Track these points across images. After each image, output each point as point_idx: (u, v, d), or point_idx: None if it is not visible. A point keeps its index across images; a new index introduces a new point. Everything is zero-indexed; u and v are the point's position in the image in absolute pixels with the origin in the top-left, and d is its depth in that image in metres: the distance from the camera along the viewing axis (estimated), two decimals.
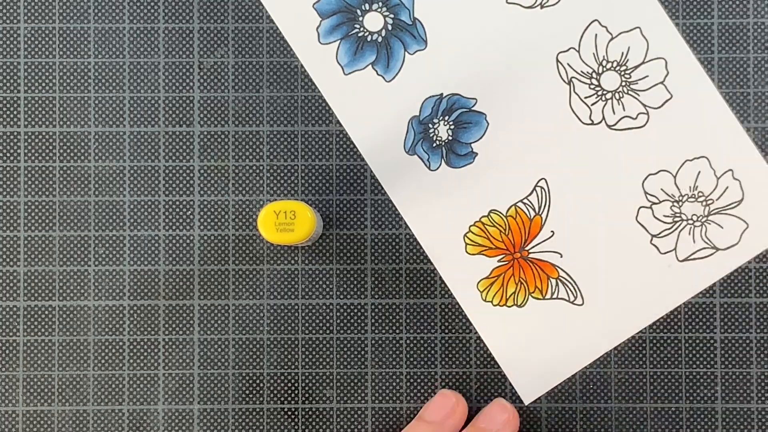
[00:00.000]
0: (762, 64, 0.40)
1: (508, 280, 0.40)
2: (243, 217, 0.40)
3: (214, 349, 0.40)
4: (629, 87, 0.40)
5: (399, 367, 0.40)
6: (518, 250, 0.40)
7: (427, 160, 0.40)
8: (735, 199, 0.40)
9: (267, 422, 0.40)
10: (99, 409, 0.40)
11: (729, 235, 0.40)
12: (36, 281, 0.40)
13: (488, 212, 0.40)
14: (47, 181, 0.40)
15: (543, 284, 0.40)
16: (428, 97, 0.40)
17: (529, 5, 0.40)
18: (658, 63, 0.40)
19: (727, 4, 0.40)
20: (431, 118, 0.40)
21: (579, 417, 0.40)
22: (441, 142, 0.40)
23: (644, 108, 0.40)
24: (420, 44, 0.40)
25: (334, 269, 0.40)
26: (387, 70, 0.40)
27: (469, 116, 0.40)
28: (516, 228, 0.40)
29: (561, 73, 0.40)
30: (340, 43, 0.40)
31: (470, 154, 0.40)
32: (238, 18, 0.40)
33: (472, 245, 0.40)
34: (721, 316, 0.40)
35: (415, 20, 0.40)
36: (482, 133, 0.40)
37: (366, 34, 0.40)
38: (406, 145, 0.40)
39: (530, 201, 0.40)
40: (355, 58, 0.40)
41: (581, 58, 0.40)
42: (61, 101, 0.40)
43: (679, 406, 0.40)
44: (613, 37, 0.40)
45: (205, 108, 0.40)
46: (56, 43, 0.40)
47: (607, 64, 0.40)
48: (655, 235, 0.40)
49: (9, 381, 0.40)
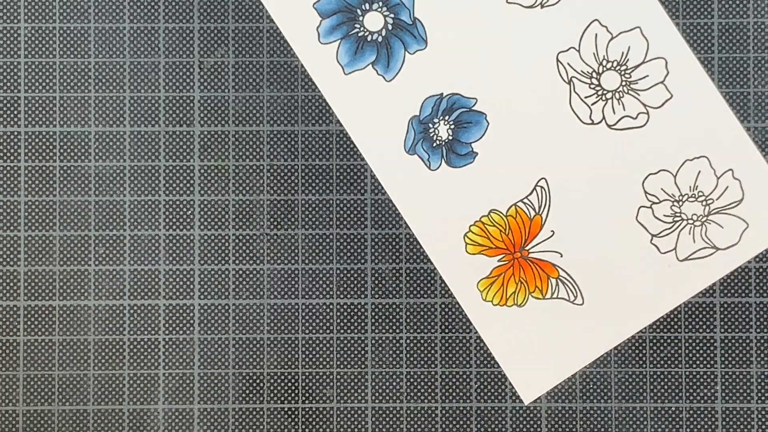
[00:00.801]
0: (762, 64, 0.40)
1: (509, 279, 0.40)
2: (243, 217, 0.40)
3: (214, 349, 0.40)
4: (629, 87, 0.40)
5: (399, 367, 0.40)
6: (518, 249, 0.40)
7: (427, 159, 0.40)
8: (735, 199, 0.40)
9: (267, 422, 0.40)
10: (99, 409, 0.40)
11: (729, 235, 0.40)
12: (36, 281, 0.40)
13: (488, 212, 0.40)
14: (47, 181, 0.40)
15: (543, 284, 0.40)
16: (428, 96, 0.40)
17: (529, 5, 0.40)
18: (659, 63, 0.40)
19: (727, 4, 0.40)
20: (431, 118, 0.40)
21: (579, 417, 0.40)
22: (441, 142, 0.40)
23: (644, 108, 0.40)
24: (420, 44, 0.40)
25: (334, 269, 0.40)
26: (387, 70, 0.40)
27: (470, 116, 0.40)
28: (516, 228, 0.40)
29: (561, 72, 0.40)
30: (340, 43, 0.40)
31: (470, 153, 0.40)
32: (238, 18, 0.40)
33: (472, 245, 0.40)
34: (721, 316, 0.40)
35: (415, 20, 0.40)
36: (482, 133, 0.40)
37: (366, 33, 0.40)
38: (407, 144, 0.40)
39: (530, 201, 0.40)
40: (355, 57, 0.40)
41: (581, 58, 0.40)
42: (61, 101, 0.40)
43: (679, 406, 0.40)
44: (613, 36, 0.40)
45: (205, 108, 0.40)
46: (56, 43, 0.40)
47: (607, 64, 0.40)
48: (655, 235, 0.40)
49: (9, 381, 0.40)
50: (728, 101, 0.40)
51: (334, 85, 0.40)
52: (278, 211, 0.40)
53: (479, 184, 0.40)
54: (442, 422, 0.40)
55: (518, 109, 0.40)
